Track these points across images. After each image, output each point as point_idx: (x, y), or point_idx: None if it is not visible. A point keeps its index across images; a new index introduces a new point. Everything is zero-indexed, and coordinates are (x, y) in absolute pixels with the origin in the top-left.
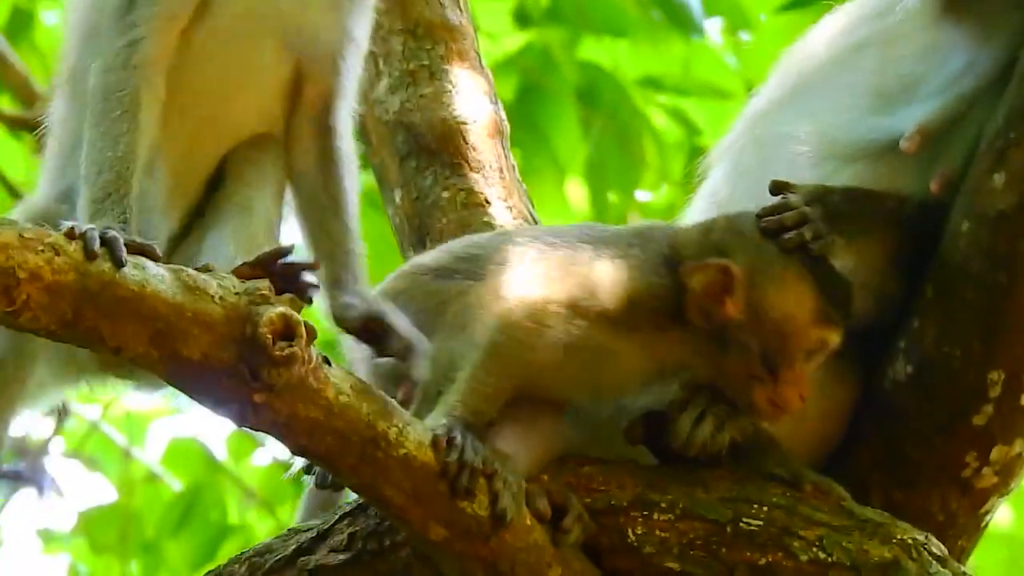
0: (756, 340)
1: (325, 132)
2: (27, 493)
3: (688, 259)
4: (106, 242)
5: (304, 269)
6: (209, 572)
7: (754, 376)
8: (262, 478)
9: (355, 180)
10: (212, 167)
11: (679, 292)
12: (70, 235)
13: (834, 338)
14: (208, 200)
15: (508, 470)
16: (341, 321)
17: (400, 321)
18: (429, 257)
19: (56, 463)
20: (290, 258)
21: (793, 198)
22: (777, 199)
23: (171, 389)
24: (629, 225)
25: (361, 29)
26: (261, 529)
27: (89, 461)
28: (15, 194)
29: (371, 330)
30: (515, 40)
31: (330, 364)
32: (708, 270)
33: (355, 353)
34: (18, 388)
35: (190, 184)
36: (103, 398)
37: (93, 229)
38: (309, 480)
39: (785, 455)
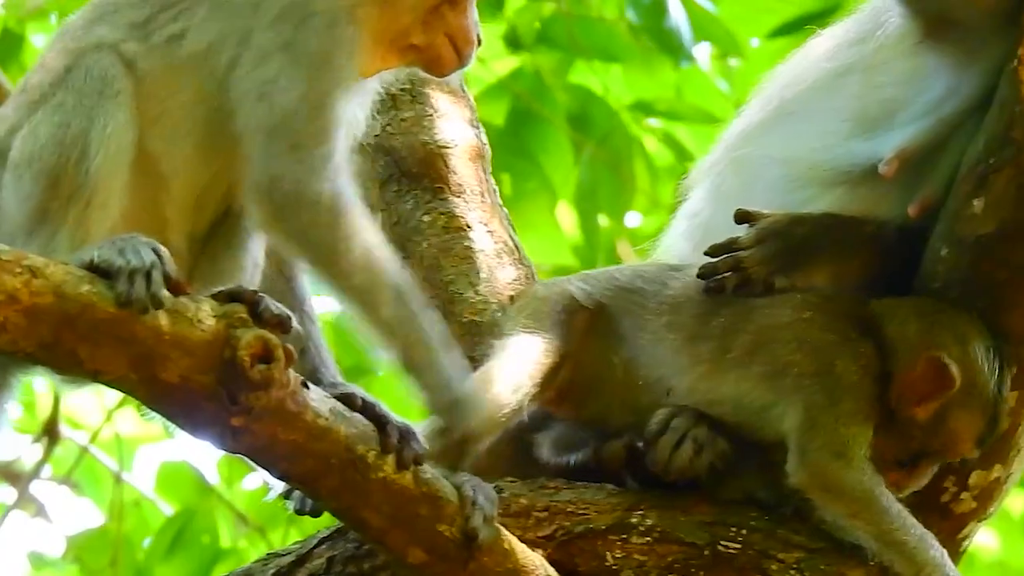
0: (926, 436)
1: None
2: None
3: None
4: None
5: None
6: None
7: (899, 462)
8: (254, 502)
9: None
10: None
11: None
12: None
13: (974, 450)
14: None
15: (483, 494)
16: None
17: (368, 397)
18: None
19: (46, 488)
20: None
21: (743, 238)
22: (743, 227)
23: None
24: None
25: None
26: (253, 553)
27: (78, 486)
28: None
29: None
30: (506, 64)
31: (308, 387)
32: (933, 364)
33: None
34: None
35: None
36: (93, 423)
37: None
38: (289, 505)
39: (767, 478)
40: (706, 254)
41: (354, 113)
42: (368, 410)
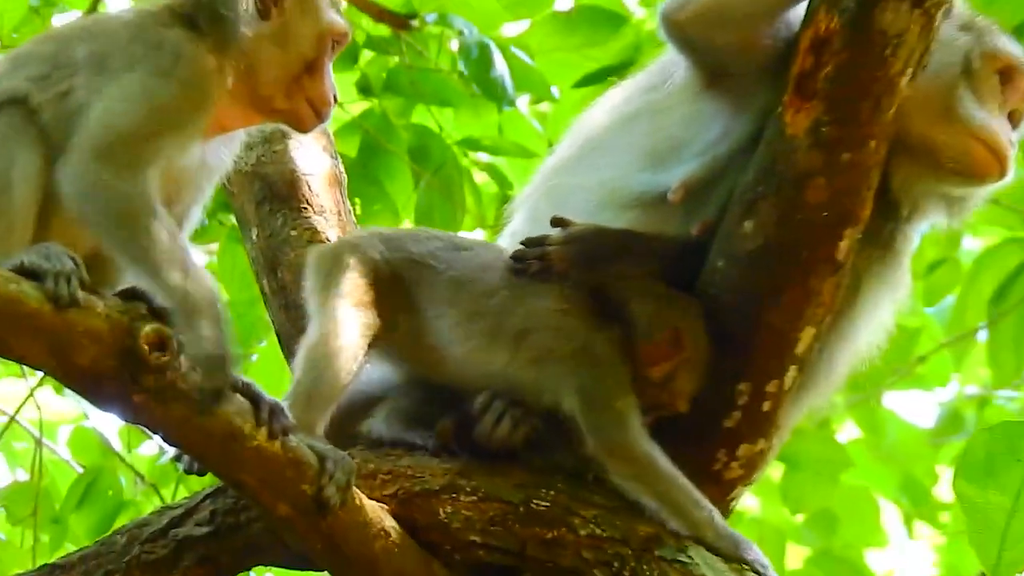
0: (665, 384)
1: None
2: None
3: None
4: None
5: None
6: (97, 541)
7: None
8: (149, 464)
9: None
10: None
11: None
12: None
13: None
14: None
15: (341, 466)
16: None
17: (244, 379)
18: None
19: None
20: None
21: (553, 236)
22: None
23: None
24: None
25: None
26: (149, 506)
27: (6, 448)
28: None
29: None
30: (358, 106)
31: (196, 370)
32: (667, 336)
33: None
34: None
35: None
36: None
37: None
38: (179, 466)
39: (571, 449)
40: (522, 243)
41: (217, 153)
42: (245, 390)
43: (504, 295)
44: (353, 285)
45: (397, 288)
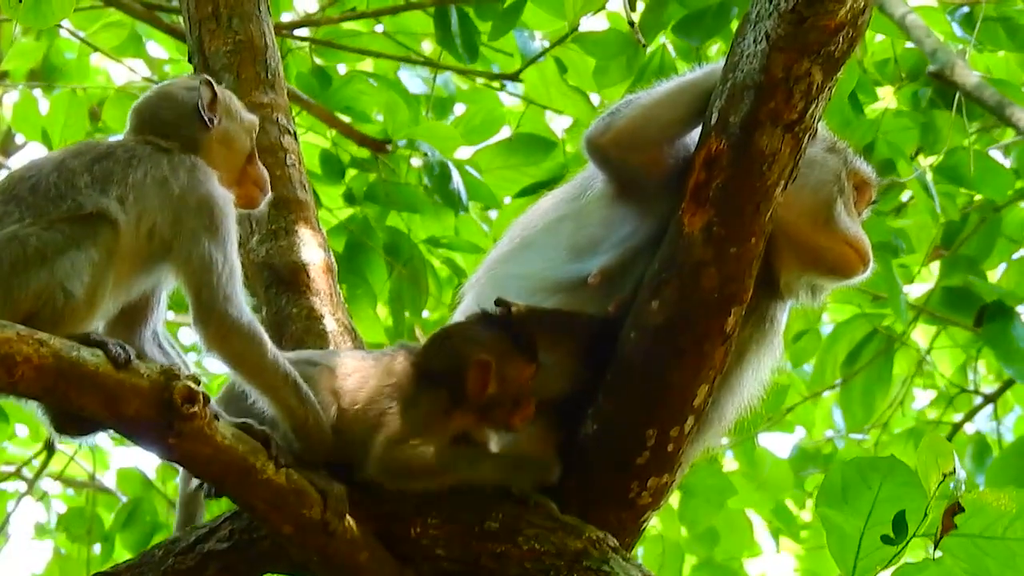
0: (505, 394)
1: None
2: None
3: (439, 368)
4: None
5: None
6: (139, 554)
7: (509, 412)
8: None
9: None
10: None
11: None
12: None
13: (534, 368)
14: None
15: (335, 494)
16: None
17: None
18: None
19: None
20: None
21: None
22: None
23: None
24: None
25: None
26: None
27: (68, 481)
28: None
29: None
30: (345, 212)
31: (219, 419)
32: (475, 369)
33: None
34: None
35: None
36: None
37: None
38: (201, 493)
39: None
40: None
41: None
42: (257, 434)
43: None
44: None
45: None
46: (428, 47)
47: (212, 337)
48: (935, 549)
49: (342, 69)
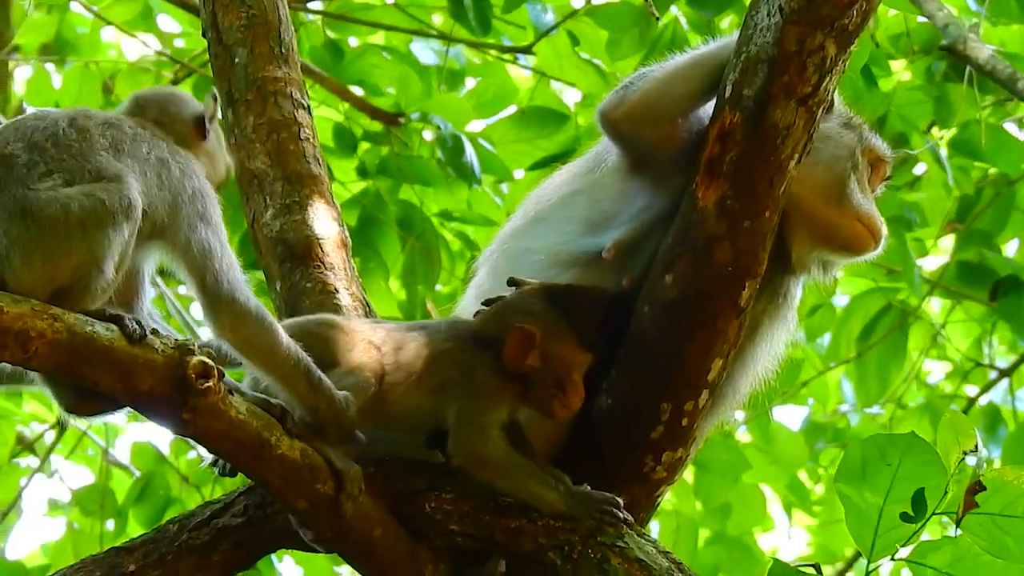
0: (549, 373)
1: None
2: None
3: (488, 333)
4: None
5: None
6: (153, 529)
7: (552, 395)
8: (193, 467)
9: None
10: None
11: (495, 355)
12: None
13: (588, 359)
14: None
15: (351, 475)
16: None
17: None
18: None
19: (59, 458)
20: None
21: (507, 297)
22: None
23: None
24: (444, 319)
25: None
26: (191, 502)
27: (81, 456)
28: None
29: None
30: (358, 186)
31: (232, 394)
32: (516, 335)
33: None
34: None
35: None
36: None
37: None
38: (216, 469)
39: (532, 457)
40: (483, 304)
41: None
42: (275, 408)
43: (415, 346)
44: None
45: None
46: (438, 20)
47: (223, 325)
48: (956, 528)
49: (353, 42)
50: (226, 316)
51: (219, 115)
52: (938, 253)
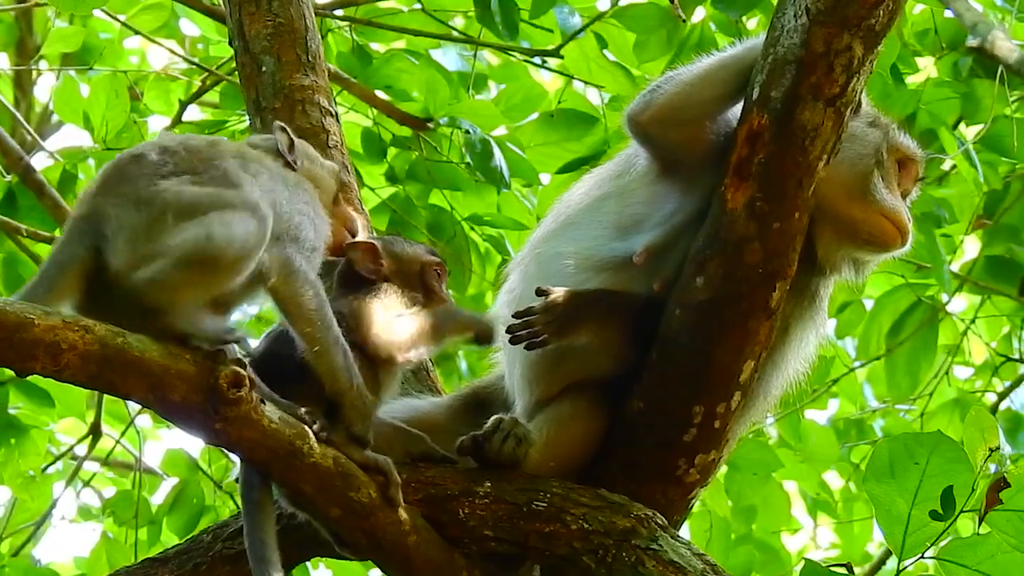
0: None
1: None
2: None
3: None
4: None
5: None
6: (187, 539)
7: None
8: (226, 476)
9: None
10: None
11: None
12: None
13: (435, 261)
14: None
15: (394, 480)
16: None
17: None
18: None
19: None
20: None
21: (536, 306)
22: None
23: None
24: None
25: None
26: (224, 511)
27: (114, 464)
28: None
29: None
30: (387, 191)
31: (264, 403)
32: (358, 246)
33: None
34: None
35: None
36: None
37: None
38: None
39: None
40: (513, 317)
41: None
42: (300, 415)
43: None
44: None
45: None
46: (460, 23)
47: (275, 273)
48: (980, 524)
49: (375, 47)
50: (280, 267)
51: (295, 140)
52: (963, 251)
